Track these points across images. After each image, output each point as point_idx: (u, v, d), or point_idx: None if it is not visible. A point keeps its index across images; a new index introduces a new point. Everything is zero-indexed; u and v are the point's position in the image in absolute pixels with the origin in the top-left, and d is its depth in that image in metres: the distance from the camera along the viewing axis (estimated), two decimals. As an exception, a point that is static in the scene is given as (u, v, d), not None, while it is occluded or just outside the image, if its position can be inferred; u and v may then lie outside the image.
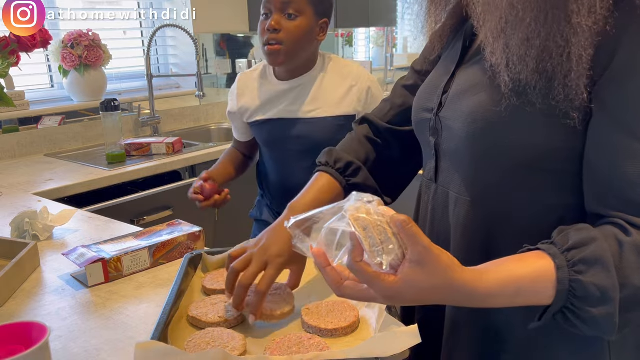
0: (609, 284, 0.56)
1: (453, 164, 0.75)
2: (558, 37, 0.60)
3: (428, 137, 0.80)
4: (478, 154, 0.70)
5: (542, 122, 0.63)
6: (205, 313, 0.83)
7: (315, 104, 1.41)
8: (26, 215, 1.23)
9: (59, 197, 1.74)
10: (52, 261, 1.13)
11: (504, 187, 0.69)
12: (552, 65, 0.61)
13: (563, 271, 0.57)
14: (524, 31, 0.62)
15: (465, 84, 0.73)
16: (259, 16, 1.40)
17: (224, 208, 1.48)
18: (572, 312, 0.57)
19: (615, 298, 0.55)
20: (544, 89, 0.62)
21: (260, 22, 1.37)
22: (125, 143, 2.16)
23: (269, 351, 0.74)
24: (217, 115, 2.99)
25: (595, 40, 0.59)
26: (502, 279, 0.58)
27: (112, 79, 2.59)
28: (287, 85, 1.42)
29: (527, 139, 0.65)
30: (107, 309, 0.93)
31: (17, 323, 0.69)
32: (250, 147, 1.58)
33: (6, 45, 1.47)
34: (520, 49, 0.62)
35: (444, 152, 0.77)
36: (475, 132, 0.68)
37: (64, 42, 2.33)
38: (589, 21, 0.58)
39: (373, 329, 0.79)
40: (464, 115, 0.70)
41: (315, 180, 0.90)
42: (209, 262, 1.00)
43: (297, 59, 1.37)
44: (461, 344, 0.78)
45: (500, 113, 0.65)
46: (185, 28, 2.47)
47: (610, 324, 0.56)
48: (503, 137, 0.66)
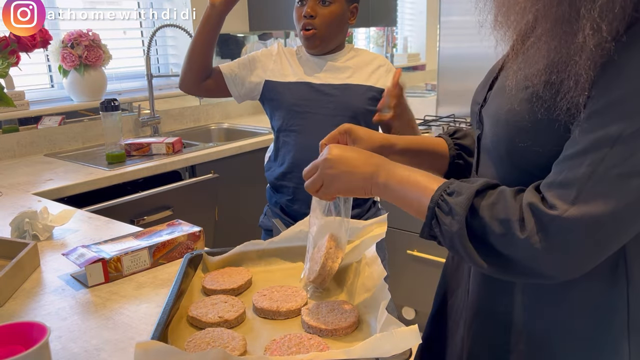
0: (459, 204, 0.66)
1: (487, 159, 0.79)
2: (564, 52, 0.61)
3: (475, 129, 0.84)
4: (501, 153, 0.73)
5: (547, 130, 0.65)
6: (205, 313, 0.83)
7: (348, 72, 1.51)
8: (26, 215, 1.23)
9: (59, 197, 1.74)
10: (52, 261, 1.13)
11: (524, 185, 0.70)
12: (558, 79, 0.62)
13: (438, 192, 0.69)
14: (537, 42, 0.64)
15: (501, 83, 0.76)
16: (259, 16, 1.43)
17: (224, 208, 1.49)
18: (436, 219, 0.69)
19: (460, 215, 0.65)
20: (549, 100, 0.64)
21: (296, 8, 1.47)
22: (125, 143, 2.16)
23: (269, 351, 0.74)
24: (217, 115, 2.98)
25: (599, 62, 0.59)
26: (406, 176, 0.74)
27: (112, 79, 2.59)
28: (320, 58, 1.52)
29: (537, 143, 0.66)
30: (107, 309, 0.93)
31: (17, 323, 0.69)
32: (214, 82, 1.56)
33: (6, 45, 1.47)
34: (533, 56, 0.65)
35: (483, 146, 0.80)
36: (498, 133, 0.72)
37: (64, 42, 2.33)
38: (592, 42, 0.58)
39: (373, 329, 0.79)
40: (492, 115, 0.75)
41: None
42: (209, 262, 1.00)
43: (331, 42, 1.49)
44: (473, 336, 0.80)
45: (518, 114, 0.68)
46: (185, 28, 2.47)
47: (457, 239, 0.66)
48: (520, 140, 0.68)
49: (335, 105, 1.46)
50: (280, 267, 1.02)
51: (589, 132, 0.60)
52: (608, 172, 0.58)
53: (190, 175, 2.18)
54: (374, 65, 1.52)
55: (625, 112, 0.58)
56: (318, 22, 1.43)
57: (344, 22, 1.48)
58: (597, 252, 0.61)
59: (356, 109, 1.46)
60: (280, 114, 1.51)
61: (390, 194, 0.75)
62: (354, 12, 1.51)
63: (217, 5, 1.44)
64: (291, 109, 1.49)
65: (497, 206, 0.65)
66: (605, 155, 0.58)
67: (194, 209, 2.15)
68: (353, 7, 1.49)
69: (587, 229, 0.59)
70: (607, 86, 0.59)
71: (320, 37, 1.45)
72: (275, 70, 1.53)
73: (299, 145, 1.48)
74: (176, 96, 2.87)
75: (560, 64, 0.62)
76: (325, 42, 1.47)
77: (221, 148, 2.28)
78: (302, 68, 1.52)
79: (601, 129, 0.59)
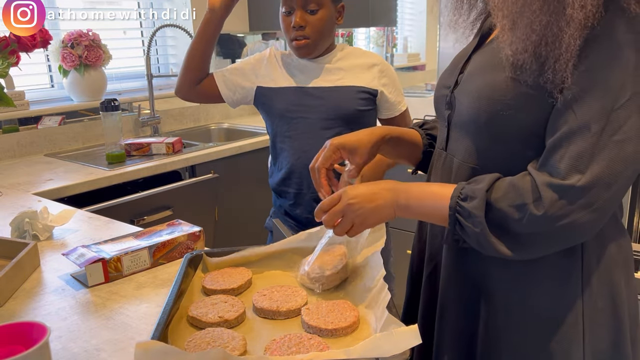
0: (476, 207, 0.74)
1: (460, 134, 0.86)
2: (554, 26, 0.69)
3: (443, 110, 0.91)
4: (480, 127, 0.80)
5: (535, 97, 0.73)
6: (205, 313, 0.83)
7: (340, 74, 1.48)
8: (26, 215, 1.23)
9: (59, 197, 1.74)
10: (52, 261, 1.13)
11: (501, 155, 0.79)
12: (546, 51, 0.71)
13: (453, 200, 0.77)
14: (530, 17, 0.71)
15: (477, 65, 0.85)
16: (259, 16, 1.42)
17: (224, 208, 1.49)
18: (459, 225, 0.76)
19: (480, 217, 0.73)
20: (537, 70, 0.72)
21: (283, 18, 1.44)
22: (125, 143, 2.16)
23: (269, 351, 0.74)
24: (217, 115, 2.98)
25: (584, 33, 0.68)
26: (422, 190, 0.82)
27: (112, 79, 2.59)
28: (311, 61, 1.50)
29: (523, 111, 0.75)
30: (107, 309, 0.93)
31: (17, 323, 0.69)
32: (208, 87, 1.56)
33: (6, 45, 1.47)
34: (524, 33, 0.71)
35: (454, 124, 0.88)
36: (480, 107, 0.79)
37: (64, 42, 2.33)
38: (580, 15, 0.68)
39: (373, 329, 0.79)
40: (472, 93, 0.81)
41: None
42: (209, 262, 1.00)
43: (322, 46, 1.48)
44: (453, 297, 0.89)
45: (501, 90, 0.76)
46: (185, 28, 2.47)
47: (482, 238, 0.74)
48: (501, 112, 0.76)
49: (326, 108, 1.44)
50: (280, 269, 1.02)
51: (583, 108, 0.69)
52: (608, 140, 0.68)
53: (190, 175, 2.18)
54: (367, 64, 1.50)
55: (612, 87, 0.68)
56: (309, 31, 1.41)
57: (333, 24, 1.47)
58: (610, 205, 0.71)
59: (347, 111, 1.44)
60: (274, 120, 1.51)
61: (413, 210, 0.82)
62: (341, 12, 1.49)
63: (216, 10, 1.43)
64: (283, 115, 1.48)
65: (509, 195, 0.73)
66: (603, 126, 0.68)
67: (194, 209, 2.15)
68: (340, 7, 1.48)
69: (598, 189, 0.69)
70: (594, 60, 0.69)
71: (313, 46, 1.44)
72: (266, 75, 1.52)
73: (295, 150, 1.47)
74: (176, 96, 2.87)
75: (550, 36, 0.70)
76: (317, 48, 1.46)
77: (221, 148, 2.28)
78: (293, 72, 1.51)
79: (597, 103, 0.68)
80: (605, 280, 0.81)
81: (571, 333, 0.79)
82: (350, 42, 4.12)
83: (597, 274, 0.80)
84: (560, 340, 0.80)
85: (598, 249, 0.80)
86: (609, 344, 0.81)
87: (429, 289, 0.95)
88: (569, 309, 0.79)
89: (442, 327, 0.90)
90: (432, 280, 0.94)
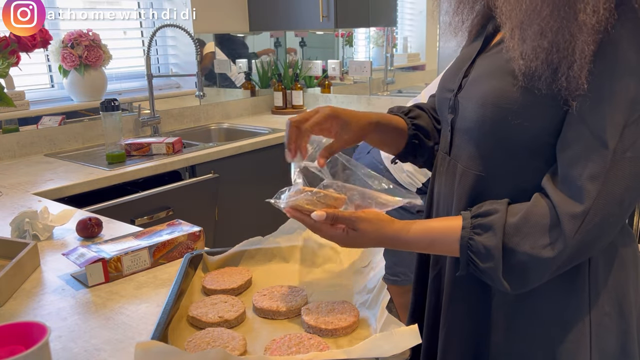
0: (493, 245, 0.72)
1: (464, 140, 0.84)
2: (566, 32, 0.67)
3: (447, 114, 0.88)
4: (485, 133, 0.78)
5: (545, 106, 0.71)
6: (205, 313, 0.83)
7: None
8: (26, 215, 1.23)
9: (59, 197, 1.74)
10: (52, 261, 1.13)
11: (506, 162, 0.78)
12: (558, 57, 0.68)
13: (465, 231, 0.75)
14: (540, 24, 0.69)
15: (483, 70, 0.82)
16: (259, 16, 1.40)
17: (224, 208, 1.48)
18: (472, 263, 0.75)
19: (497, 256, 0.71)
20: (549, 77, 0.70)
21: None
22: (125, 143, 2.16)
23: (269, 351, 0.74)
24: (217, 115, 2.98)
25: (597, 38, 0.66)
26: (422, 230, 0.79)
27: (112, 79, 2.59)
28: None
29: (531, 120, 0.73)
30: (107, 309, 0.93)
31: (17, 323, 0.69)
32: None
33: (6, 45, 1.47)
34: (534, 40, 0.70)
35: (458, 129, 0.86)
36: (485, 114, 0.77)
37: (64, 42, 2.33)
38: (593, 20, 0.66)
39: (373, 329, 0.79)
40: (477, 98, 0.79)
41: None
42: (209, 262, 1.00)
43: None
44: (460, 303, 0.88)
45: (509, 97, 0.74)
46: (185, 28, 2.47)
47: (495, 276, 0.73)
48: (508, 119, 0.74)
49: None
50: (279, 265, 1.02)
51: (599, 120, 0.67)
52: (622, 157, 0.67)
53: (190, 175, 2.19)
54: None
55: (626, 99, 0.66)
56: None
57: None
58: (623, 220, 0.72)
59: None
60: None
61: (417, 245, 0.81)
62: None
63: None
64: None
65: (528, 235, 0.72)
66: (617, 142, 0.67)
67: (194, 209, 2.15)
68: None
69: (613, 207, 0.69)
70: (609, 66, 0.67)
71: None
72: None
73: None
74: (176, 96, 2.87)
75: (561, 42, 0.68)
76: None
77: (221, 148, 2.28)
78: None
79: (612, 115, 0.67)
80: (612, 284, 0.80)
81: (578, 337, 0.79)
82: (350, 43, 4.12)
83: (604, 278, 0.79)
84: (567, 345, 0.79)
85: (604, 252, 0.79)
86: (617, 348, 0.80)
87: (433, 293, 0.94)
88: (575, 312, 0.79)
89: (447, 331, 0.89)
90: (436, 283, 0.93)
